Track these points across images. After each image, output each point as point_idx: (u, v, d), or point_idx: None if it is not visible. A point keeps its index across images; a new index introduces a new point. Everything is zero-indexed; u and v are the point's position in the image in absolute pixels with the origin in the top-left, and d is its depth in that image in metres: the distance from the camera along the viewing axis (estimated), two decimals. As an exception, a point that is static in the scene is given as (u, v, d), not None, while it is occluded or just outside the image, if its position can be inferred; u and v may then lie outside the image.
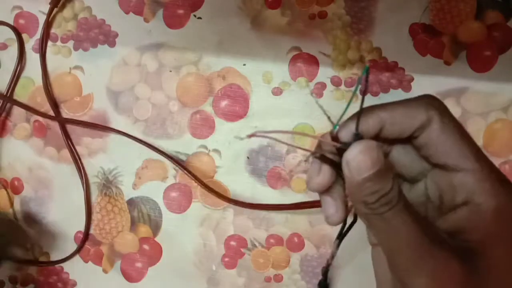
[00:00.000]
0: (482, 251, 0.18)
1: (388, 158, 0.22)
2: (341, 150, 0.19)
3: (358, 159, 0.18)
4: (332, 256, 0.24)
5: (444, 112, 0.20)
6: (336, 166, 0.21)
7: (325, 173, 0.21)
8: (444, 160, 0.20)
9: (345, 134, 0.20)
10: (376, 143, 0.19)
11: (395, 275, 0.19)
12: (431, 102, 0.20)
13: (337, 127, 0.20)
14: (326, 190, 0.22)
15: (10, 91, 0.47)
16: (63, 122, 0.46)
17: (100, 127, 0.45)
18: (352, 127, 0.20)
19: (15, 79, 0.46)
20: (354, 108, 0.21)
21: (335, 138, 0.20)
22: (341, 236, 0.25)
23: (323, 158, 0.21)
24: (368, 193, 0.18)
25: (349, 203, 0.22)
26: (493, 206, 0.18)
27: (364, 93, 0.19)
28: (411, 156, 0.22)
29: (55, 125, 0.46)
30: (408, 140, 0.21)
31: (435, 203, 0.21)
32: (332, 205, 0.22)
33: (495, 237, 0.18)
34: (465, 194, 0.19)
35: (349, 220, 0.24)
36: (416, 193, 0.22)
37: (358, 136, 0.19)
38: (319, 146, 0.22)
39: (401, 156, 0.22)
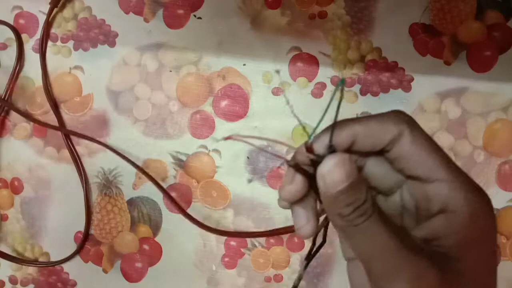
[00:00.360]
0: (457, 255, 0.19)
1: (363, 171, 0.23)
2: (315, 162, 0.20)
3: (333, 172, 0.19)
4: (299, 278, 0.24)
5: (414, 126, 0.20)
6: (310, 177, 0.21)
7: (298, 183, 0.21)
8: (417, 172, 0.20)
9: (319, 146, 0.20)
10: (349, 156, 0.19)
11: (374, 284, 0.20)
12: (401, 117, 0.21)
13: (312, 138, 0.20)
14: (297, 201, 0.22)
15: (9, 91, 0.47)
16: (66, 133, 0.46)
17: (98, 142, 0.45)
18: (325, 139, 0.20)
19: (14, 79, 0.46)
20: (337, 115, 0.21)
21: (309, 149, 0.20)
22: (309, 257, 0.25)
23: (297, 168, 0.21)
24: (343, 205, 0.19)
25: (320, 217, 0.23)
26: (467, 214, 0.19)
27: (338, 105, 0.20)
28: (385, 168, 0.22)
29: (55, 125, 0.46)
30: (381, 153, 0.21)
31: (411, 213, 0.22)
32: (303, 216, 0.22)
33: (470, 242, 0.19)
34: (440, 203, 0.20)
35: (317, 242, 0.24)
36: (392, 204, 0.23)
37: (331, 149, 0.20)
38: (295, 155, 0.22)
39: (376, 168, 0.23)
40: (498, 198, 0.41)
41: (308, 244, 0.43)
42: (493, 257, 0.20)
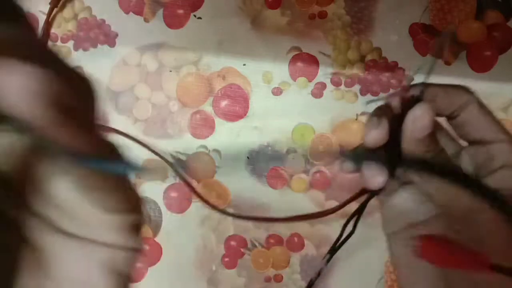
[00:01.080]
0: None
1: None
2: (405, 106, 0.22)
3: (422, 117, 0.21)
4: (319, 273, 0.25)
5: (477, 97, 0.23)
6: (392, 126, 0.23)
7: (384, 127, 0.23)
8: (482, 135, 0.23)
9: (415, 90, 0.23)
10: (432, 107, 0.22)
11: (454, 219, 0.21)
12: (467, 88, 0.24)
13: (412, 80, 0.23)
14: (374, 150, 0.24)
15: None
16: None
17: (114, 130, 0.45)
18: (419, 87, 0.23)
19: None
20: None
21: (406, 89, 0.23)
22: (334, 249, 0.25)
23: (386, 111, 0.23)
24: (424, 150, 0.22)
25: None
26: None
27: (437, 53, 0.23)
28: (444, 140, 0.25)
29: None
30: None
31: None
32: (375, 168, 0.23)
33: None
34: (502, 160, 0.22)
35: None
36: None
37: (420, 97, 0.22)
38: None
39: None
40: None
41: (308, 244, 0.43)
42: None
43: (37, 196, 0.14)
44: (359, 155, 0.24)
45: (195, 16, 0.44)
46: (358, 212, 0.26)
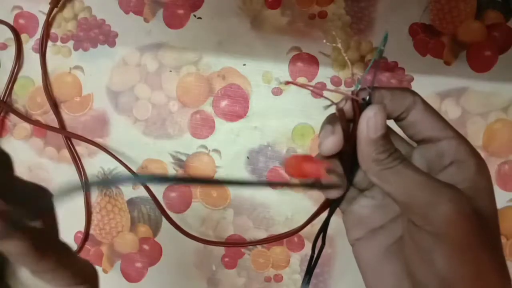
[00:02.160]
0: (472, 196, 0.22)
1: None
2: (357, 110, 0.22)
3: (376, 117, 0.22)
4: None
5: (421, 98, 0.24)
6: (346, 131, 0.23)
7: (338, 133, 0.23)
8: (430, 134, 0.24)
9: (363, 93, 0.23)
10: (384, 106, 0.22)
11: (419, 217, 0.21)
12: (413, 90, 0.24)
13: (358, 86, 0.23)
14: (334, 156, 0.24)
15: (8, 91, 0.46)
16: (66, 135, 0.46)
17: (96, 145, 0.45)
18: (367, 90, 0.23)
19: (12, 79, 0.46)
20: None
21: (356, 94, 0.23)
22: (310, 269, 0.26)
23: (341, 116, 0.23)
24: (381, 150, 0.22)
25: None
26: (474, 162, 0.23)
27: (380, 55, 0.24)
28: (395, 142, 0.25)
29: (55, 125, 0.46)
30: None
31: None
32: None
33: (480, 188, 0.22)
34: (451, 156, 0.23)
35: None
36: None
37: (369, 101, 0.23)
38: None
39: None
40: (498, 198, 0.40)
41: (308, 244, 0.43)
42: (495, 204, 0.23)
43: (12, 278, 0.22)
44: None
45: (195, 16, 0.44)
46: (324, 228, 0.27)
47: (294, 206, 0.43)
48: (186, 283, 0.46)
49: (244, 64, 0.43)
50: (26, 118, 0.46)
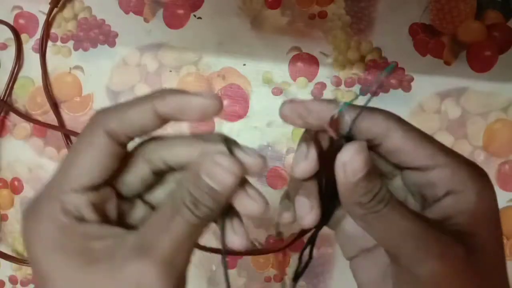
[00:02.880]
0: (472, 231, 0.19)
1: None
2: (335, 141, 0.20)
3: (353, 161, 0.18)
4: None
5: (401, 120, 0.21)
6: (323, 155, 0.21)
7: (312, 158, 0.21)
8: (414, 163, 0.20)
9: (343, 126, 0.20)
10: (366, 143, 0.19)
11: (401, 267, 0.20)
12: (388, 113, 0.21)
13: (337, 113, 0.20)
14: (302, 188, 0.22)
15: (8, 91, 0.46)
16: (65, 133, 0.46)
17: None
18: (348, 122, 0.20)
19: (12, 79, 0.46)
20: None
21: (334, 122, 0.20)
22: (297, 276, 0.25)
23: (316, 142, 0.21)
24: (363, 193, 0.19)
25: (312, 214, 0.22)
26: (474, 191, 0.19)
27: (374, 93, 0.20)
28: (378, 159, 0.22)
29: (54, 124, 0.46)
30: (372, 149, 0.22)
31: (416, 197, 0.22)
32: (306, 204, 0.21)
33: (481, 218, 0.20)
34: (446, 187, 0.20)
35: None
36: (395, 188, 0.23)
37: (349, 134, 0.20)
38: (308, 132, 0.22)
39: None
40: (498, 198, 0.41)
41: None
42: (501, 231, 0.21)
43: None
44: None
45: (195, 16, 0.44)
46: (311, 242, 0.25)
47: (294, 206, 0.43)
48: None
49: (244, 64, 0.43)
50: (26, 117, 0.46)
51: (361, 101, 0.21)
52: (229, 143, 0.21)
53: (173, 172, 0.23)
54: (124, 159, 0.21)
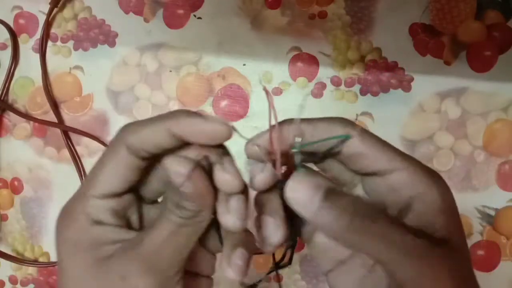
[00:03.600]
0: (444, 231, 0.19)
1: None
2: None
3: (298, 199, 0.19)
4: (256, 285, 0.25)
5: (357, 125, 0.21)
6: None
7: (268, 171, 0.21)
8: (374, 168, 0.21)
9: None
10: (303, 172, 0.19)
11: (384, 275, 0.20)
12: (346, 120, 0.21)
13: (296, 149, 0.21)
14: (265, 209, 0.22)
15: (5, 91, 0.46)
16: (65, 129, 0.46)
17: (98, 141, 0.45)
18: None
19: (9, 78, 0.46)
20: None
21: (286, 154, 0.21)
22: (275, 268, 0.26)
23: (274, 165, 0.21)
24: (335, 217, 0.19)
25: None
26: (437, 191, 0.20)
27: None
28: (339, 168, 0.23)
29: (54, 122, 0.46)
30: (332, 156, 0.22)
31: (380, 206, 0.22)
32: (272, 224, 0.21)
33: (449, 218, 0.20)
34: (407, 191, 0.20)
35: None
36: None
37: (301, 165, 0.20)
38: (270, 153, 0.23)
39: (333, 166, 0.23)
40: (498, 198, 0.41)
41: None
42: (463, 227, 0.21)
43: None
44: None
45: (195, 16, 0.44)
46: (292, 247, 0.25)
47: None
48: (186, 283, 0.46)
49: (244, 64, 0.43)
50: (24, 115, 0.46)
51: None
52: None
53: None
54: (147, 167, 0.23)
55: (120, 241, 0.21)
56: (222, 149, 0.22)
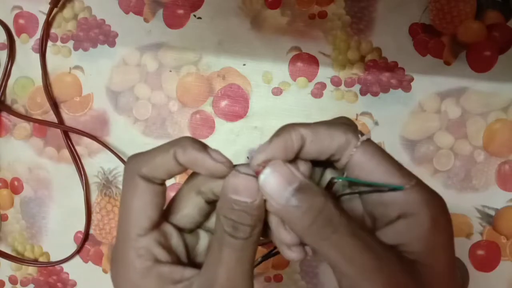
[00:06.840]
0: (426, 262, 0.19)
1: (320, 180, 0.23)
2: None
3: (272, 185, 0.19)
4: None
5: (360, 131, 0.20)
6: None
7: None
8: (368, 179, 0.20)
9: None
10: (282, 162, 0.19)
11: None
12: (349, 126, 0.20)
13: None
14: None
15: (2, 89, 0.46)
16: (65, 129, 0.46)
17: (98, 141, 0.45)
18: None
19: (5, 77, 0.46)
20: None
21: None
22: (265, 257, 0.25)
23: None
24: (299, 214, 0.18)
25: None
26: (427, 216, 0.19)
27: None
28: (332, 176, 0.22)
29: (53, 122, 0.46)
30: (330, 164, 0.21)
31: (367, 219, 0.22)
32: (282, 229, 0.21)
33: (436, 246, 0.19)
34: (398, 208, 0.19)
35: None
36: (353, 205, 0.23)
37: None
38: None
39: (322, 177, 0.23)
40: (498, 198, 0.41)
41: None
42: (454, 259, 0.20)
43: None
44: None
45: (195, 16, 0.44)
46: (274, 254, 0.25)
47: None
48: (186, 283, 0.46)
49: (244, 64, 0.43)
50: (21, 115, 0.46)
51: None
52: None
53: None
54: (177, 195, 0.23)
55: (180, 280, 0.21)
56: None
